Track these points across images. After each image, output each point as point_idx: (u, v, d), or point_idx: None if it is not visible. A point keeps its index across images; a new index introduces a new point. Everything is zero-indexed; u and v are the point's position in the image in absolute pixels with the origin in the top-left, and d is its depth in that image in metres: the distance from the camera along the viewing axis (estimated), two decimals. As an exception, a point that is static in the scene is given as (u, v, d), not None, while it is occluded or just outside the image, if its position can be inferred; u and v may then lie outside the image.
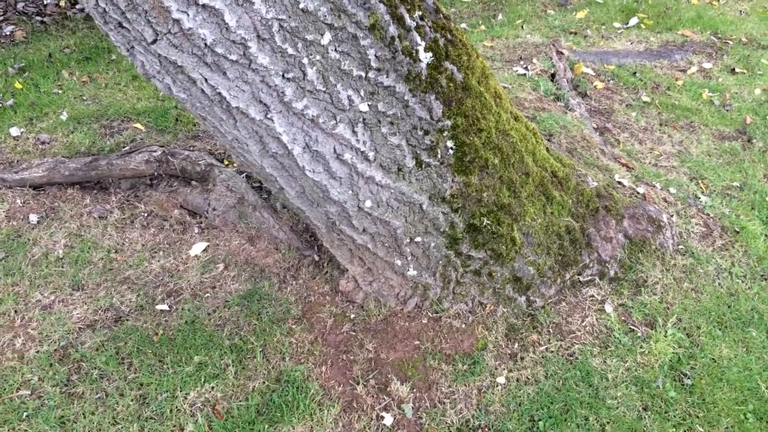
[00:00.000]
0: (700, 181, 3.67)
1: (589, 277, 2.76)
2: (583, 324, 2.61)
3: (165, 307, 2.72)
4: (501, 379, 2.43)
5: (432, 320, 2.57)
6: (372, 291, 2.62)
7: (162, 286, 2.84)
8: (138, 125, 3.95)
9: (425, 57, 2.19)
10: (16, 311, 2.70)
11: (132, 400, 2.37)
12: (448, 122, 2.31)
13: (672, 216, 3.14)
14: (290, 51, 1.92)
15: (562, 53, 4.81)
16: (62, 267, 2.92)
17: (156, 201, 3.30)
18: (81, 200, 3.33)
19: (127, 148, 3.71)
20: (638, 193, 3.21)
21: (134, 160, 3.31)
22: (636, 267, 2.83)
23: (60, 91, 4.27)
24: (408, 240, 2.46)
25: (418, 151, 2.29)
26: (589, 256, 2.77)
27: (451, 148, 2.34)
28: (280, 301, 2.71)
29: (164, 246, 3.06)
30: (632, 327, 2.64)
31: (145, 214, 3.26)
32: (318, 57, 1.98)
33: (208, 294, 2.79)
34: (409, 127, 2.24)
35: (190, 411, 2.34)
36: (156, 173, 3.34)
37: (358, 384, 2.41)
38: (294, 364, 2.48)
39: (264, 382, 2.43)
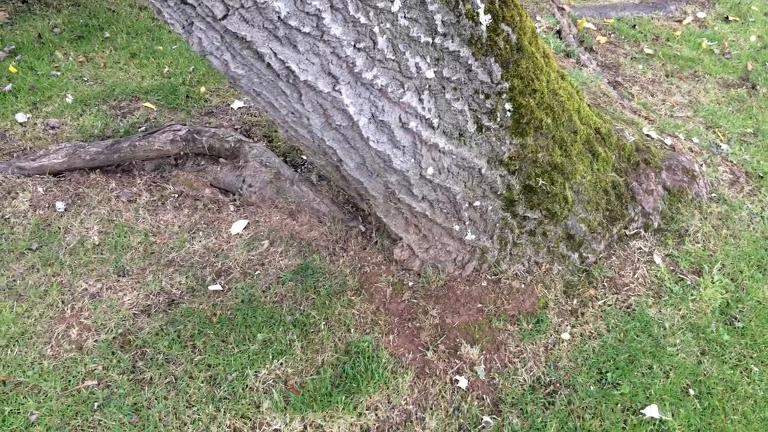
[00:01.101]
0: (716, 130, 3.74)
1: (635, 230, 2.81)
2: (636, 276, 2.67)
3: (218, 287, 2.69)
4: (565, 335, 2.48)
5: (491, 283, 2.60)
6: (428, 258, 2.63)
7: (209, 267, 2.80)
8: (148, 104, 3.83)
9: (485, 19, 2.17)
10: (63, 302, 2.63)
11: (202, 382, 2.35)
12: (506, 84, 2.30)
13: (701, 165, 3.21)
14: (362, 20, 1.89)
15: (563, 9, 4.81)
16: (102, 253, 2.85)
17: (184, 181, 3.23)
18: (106, 185, 3.24)
19: (143, 128, 3.61)
20: (666, 144, 3.26)
21: (158, 141, 3.22)
22: (677, 217, 2.89)
23: (58, 73, 4.11)
24: (467, 205, 2.46)
25: (478, 116, 2.28)
26: (633, 210, 2.81)
27: (509, 110, 2.34)
28: (334, 273, 2.70)
29: (202, 226, 3.01)
30: (681, 276, 2.71)
31: (176, 195, 3.20)
32: (388, 25, 1.94)
33: (259, 271, 2.76)
34: (471, 92, 2.22)
35: (264, 388, 2.34)
36: (182, 153, 3.26)
37: (427, 350, 2.43)
38: (360, 335, 2.49)
39: (333, 355, 2.43)
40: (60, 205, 3.10)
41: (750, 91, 4.24)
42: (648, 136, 3.24)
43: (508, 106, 2.33)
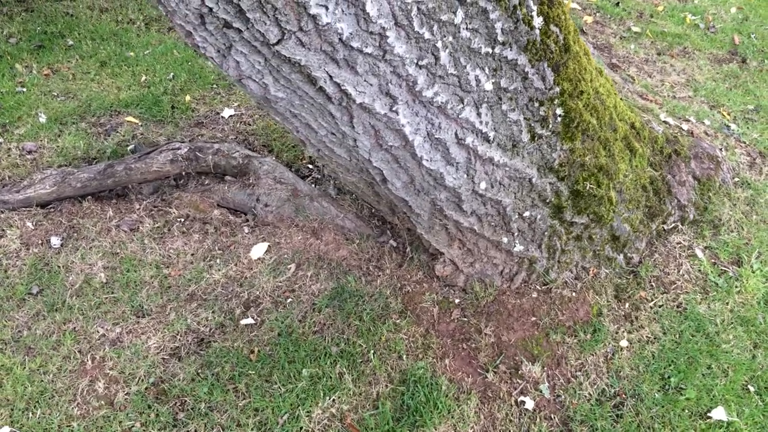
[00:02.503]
0: (720, 109, 3.72)
1: (673, 224, 2.75)
2: (681, 273, 2.61)
3: (250, 320, 2.50)
4: (623, 343, 2.40)
5: (542, 293, 2.49)
6: (474, 272, 2.50)
7: (235, 298, 2.60)
8: (130, 118, 3.55)
9: (538, 22, 2.03)
10: (81, 351, 2.40)
11: (252, 429, 2.18)
12: (557, 89, 2.18)
13: (721, 150, 3.17)
14: (426, 35, 1.73)
15: (546, -10, 4.70)
16: (113, 292, 2.62)
17: (189, 203, 3.00)
18: (102, 213, 2.98)
19: (131, 146, 3.34)
20: (684, 130, 3.21)
21: (157, 162, 2.97)
22: (709, 207, 2.85)
23: (24, 89, 3.76)
24: (516, 216, 2.34)
25: (532, 124, 2.15)
26: (670, 204, 2.75)
27: (560, 115, 2.22)
28: (373, 296, 2.54)
29: (217, 252, 2.80)
30: (723, 268, 2.67)
31: (182, 219, 2.96)
32: (450, 38, 1.79)
33: (290, 299, 2.58)
34: (526, 101, 2.09)
35: (320, 429, 2.18)
36: (183, 172, 3.02)
37: (487, 372, 2.31)
38: (413, 361, 2.35)
39: (388, 386, 2.29)
40: (55, 241, 2.83)
41: (741, 66, 4.25)
42: (665, 122, 3.18)
43: (559, 111, 2.21)
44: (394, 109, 1.88)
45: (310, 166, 3.36)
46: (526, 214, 2.34)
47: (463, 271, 2.50)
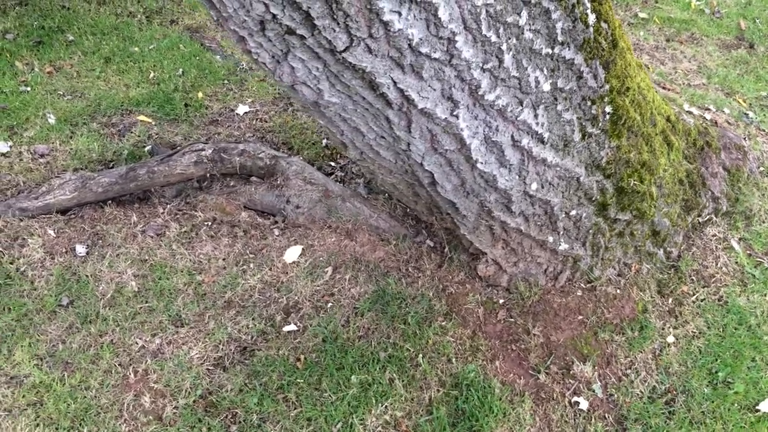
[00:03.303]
0: (735, 96, 3.73)
1: (707, 216, 2.75)
2: (719, 266, 2.63)
3: (293, 327, 2.45)
4: (670, 338, 2.41)
5: (586, 291, 2.49)
6: (518, 272, 2.48)
7: (274, 304, 2.55)
8: (143, 117, 3.45)
9: (591, 20, 2.00)
10: (121, 365, 2.34)
11: (307, 440, 2.14)
12: (607, 86, 2.15)
13: (745, 139, 3.18)
14: (493, 38, 1.69)
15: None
16: (147, 301, 2.55)
17: (215, 205, 2.93)
18: (126, 219, 2.89)
19: (148, 147, 3.25)
20: (707, 119, 3.21)
21: (180, 164, 2.89)
22: (740, 198, 2.86)
23: (28, 89, 3.63)
24: (563, 215, 2.32)
25: (583, 123, 2.13)
26: (705, 196, 2.75)
27: (608, 113, 2.20)
28: (416, 298, 2.51)
29: (249, 256, 2.74)
30: (758, 259, 2.69)
31: (209, 223, 2.89)
32: (514, 40, 1.75)
33: (331, 303, 2.54)
34: (579, 100, 2.06)
35: (376, 438, 2.15)
36: (207, 174, 2.94)
37: (539, 373, 2.30)
38: (463, 364, 2.33)
39: (440, 390, 2.27)
40: (80, 249, 2.75)
41: (750, 51, 4.26)
42: (689, 112, 3.18)
43: (608, 109, 2.18)
44: (454, 113, 1.84)
45: (332, 164, 3.30)
46: (573, 212, 2.32)
47: (506, 271, 2.48)
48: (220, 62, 3.92)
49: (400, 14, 1.53)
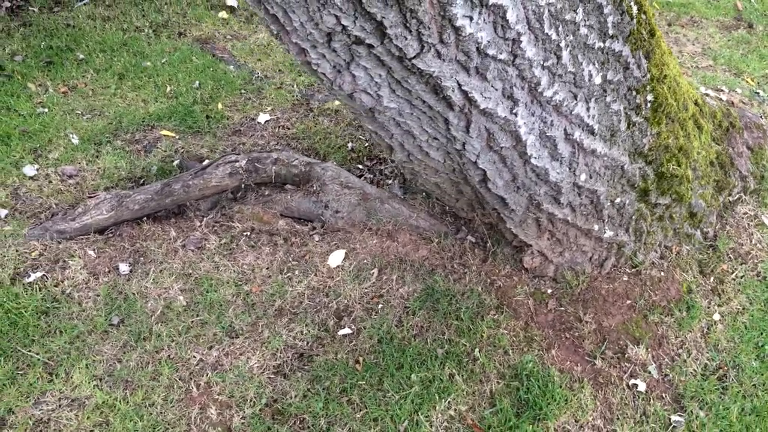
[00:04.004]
0: (743, 76, 3.82)
1: (737, 195, 2.82)
2: (753, 243, 2.70)
3: (347, 330, 2.48)
4: (716, 316, 2.47)
5: (632, 276, 2.54)
6: (564, 261, 2.54)
7: (324, 309, 2.58)
8: (166, 132, 3.46)
9: (635, 11, 2.05)
10: (182, 379, 2.35)
11: (376, 440, 2.18)
12: (648, 75, 2.21)
13: (761, 117, 3.26)
14: (553, 36, 1.73)
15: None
16: (198, 315, 2.57)
17: (251, 215, 2.95)
18: (164, 234, 2.91)
19: (176, 162, 3.26)
20: (722, 100, 3.29)
21: (215, 176, 2.91)
22: (765, 175, 2.93)
23: (46, 110, 3.62)
24: (609, 203, 2.38)
25: (628, 112, 2.18)
26: (734, 176, 2.82)
27: (650, 101, 2.25)
28: (465, 293, 2.56)
29: (293, 264, 2.77)
30: (790, 234, 2.76)
31: (247, 233, 2.91)
32: (571, 37, 1.79)
33: (381, 305, 2.57)
34: (625, 90, 2.11)
35: (443, 433, 2.20)
36: (242, 185, 2.96)
37: (595, 358, 2.36)
38: (519, 355, 2.38)
39: (500, 382, 2.32)
40: (124, 267, 2.76)
41: (749, 31, 4.35)
42: (706, 94, 3.25)
43: (649, 97, 2.24)
44: (514, 111, 1.88)
45: (360, 167, 3.33)
46: (617, 200, 2.38)
47: (552, 261, 2.53)
48: (235, 72, 3.93)
49: (471, 19, 1.56)
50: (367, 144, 3.42)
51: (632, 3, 2.00)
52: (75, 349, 2.44)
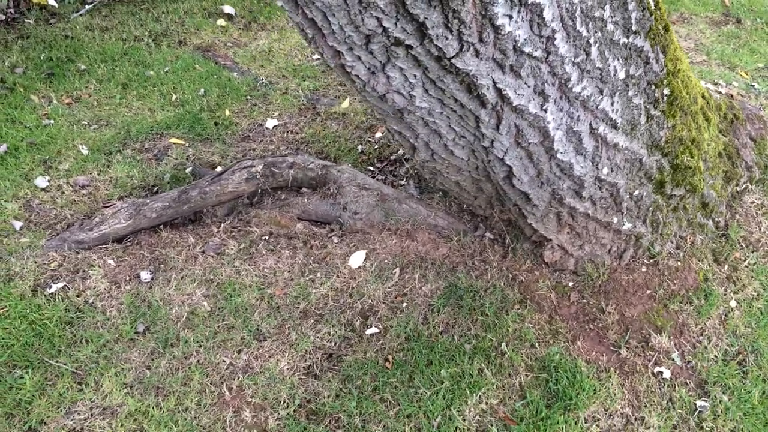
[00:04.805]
0: (737, 70, 3.92)
1: (744, 185, 2.90)
2: (762, 231, 2.78)
3: (374, 330, 2.51)
4: (733, 303, 2.54)
5: (650, 267, 2.61)
6: (584, 254, 2.59)
7: (349, 309, 2.61)
8: (175, 140, 3.47)
9: (652, 6, 2.11)
10: (214, 383, 2.37)
11: (411, 436, 2.21)
12: (665, 70, 2.27)
13: (760, 108, 3.36)
14: (584, 33, 1.79)
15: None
16: (224, 320, 2.58)
17: (269, 219, 2.97)
18: (183, 241, 2.92)
19: (189, 169, 3.27)
20: (722, 93, 3.38)
21: (232, 182, 2.92)
22: (769, 165, 3.02)
23: (52, 122, 3.61)
24: (627, 196, 2.44)
25: (647, 106, 2.24)
26: (740, 166, 2.90)
27: (666, 95, 2.31)
28: (488, 289, 2.60)
29: (314, 266, 2.79)
30: (797, 221, 2.85)
31: (266, 237, 2.93)
32: (599, 33, 1.85)
33: (405, 303, 2.61)
34: (645, 84, 2.18)
35: (477, 426, 2.23)
36: (259, 189, 2.98)
37: (619, 348, 2.41)
38: (546, 347, 2.43)
39: (528, 375, 2.36)
40: (145, 275, 2.76)
41: (738, 26, 4.47)
42: (707, 88, 3.33)
43: (666, 91, 2.30)
44: (544, 107, 1.93)
45: (371, 168, 3.37)
46: (636, 192, 2.44)
47: (572, 255, 2.58)
48: (239, 79, 3.95)
49: (510, 17, 1.61)
50: (376, 146, 3.46)
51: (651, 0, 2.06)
52: (103, 358, 2.44)
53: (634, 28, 1.96)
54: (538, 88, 1.86)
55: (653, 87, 2.20)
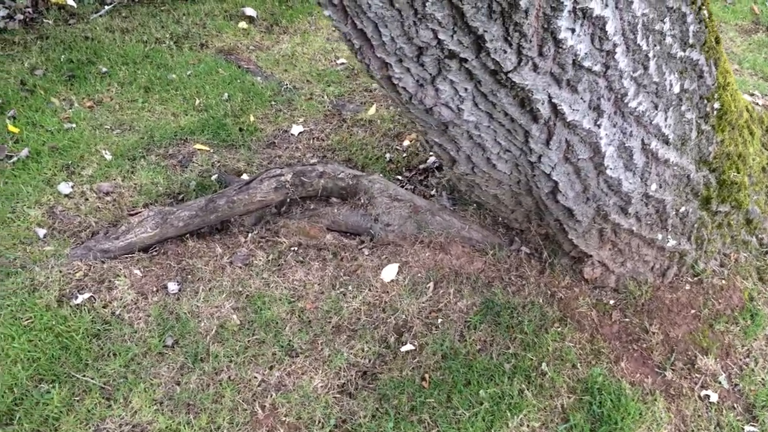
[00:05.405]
0: (772, 80, 3.83)
1: (787, 201, 2.82)
2: (808, 248, 2.69)
3: (410, 347, 2.44)
4: (780, 324, 2.46)
5: (694, 285, 2.53)
6: (625, 271, 2.51)
7: (383, 325, 2.54)
8: (200, 146, 3.40)
9: (705, 17, 2.04)
10: (246, 401, 2.30)
11: (451, 459, 2.14)
12: (716, 83, 2.19)
13: (801, 121, 3.27)
14: (644, 47, 1.72)
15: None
16: (254, 334, 2.51)
17: (297, 230, 2.90)
18: (210, 251, 2.85)
19: (215, 176, 3.21)
20: (759, 105, 3.29)
21: (260, 191, 2.86)
22: (812, 179, 2.93)
23: (73, 125, 3.55)
24: (674, 213, 2.36)
25: (698, 120, 2.16)
26: (783, 181, 2.82)
27: (717, 109, 2.24)
28: (525, 306, 2.52)
29: (345, 279, 2.72)
30: (842, 238, 2.76)
31: (295, 248, 2.87)
32: (657, 47, 1.77)
33: (440, 319, 2.54)
34: (697, 99, 2.10)
35: (518, 450, 2.16)
36: (287, 199, 2.91)
37: (665, 370, 2.34)
38: (588, 368, 2.35)
39: (570, 397, 2.29)
40: (172, 286, 2.70)
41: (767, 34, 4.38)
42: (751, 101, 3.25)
43: (716, 105, 2.23)
44: (598, 123, 1.86)
45: (399, 177, 3.30)
46: (682, 209, 2.36)
47: (613, 272, 2.51)
48: (263, 83, 3.88)
49: (573, 31, 1.54)
50: (405, 155, 3.38)
51: (705, 11, 1.99)
52: (131, 373, 2.38)
53: (690, 41, 1.89)
54: (593, 103, 1.79)
55: (705, 101, 2.12)
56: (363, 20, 1.62)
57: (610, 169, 2.03)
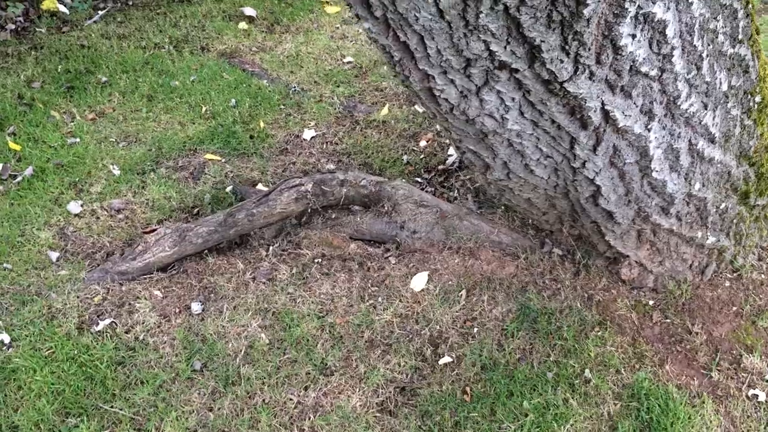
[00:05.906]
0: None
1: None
2: (844, 236, 2.64)
3: (447, 359, 2.37)
4: (823, 317, 2.41)
5: (733, 281, 2.47)
6: (664, 271, 2.45)
7: (417, 337, 2.47)
8: (210, 156, 3.30)
9: (751, 10, 1.96)
10: (283, 425, 2.23)
11: (500, 476, 2.08)
12: (758, 76, 2.12)
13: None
14: (699, 47, 1.64)
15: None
16: (284, 353, 2.44)
17: (320, 240, 2.82)
18: (231, 267, 2.76)
19: (230, 188, 3.11)
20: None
21: (280, 203, 2.77)
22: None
23: (77, 140, 3.43)
24: (714, 210, 2.30)
25: (741, 116, 2.09)
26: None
27: (758, 102, 2.17)
28: (563, 311, 2.46)
29: (373, 290, 2.64)
30: None
31: (318, 260, 2.78)
32: (710, 46, 1.70)
33: (476, 328, 2.47)
34: (742, 94, 2.03)
35: (568, 463, 2.10)
36: (308, 209, 2.83)
37: (710, 371, 2.28)
38: (631, 373, 2.29)
39: (616, 403, 2.23)
40: (196, 307, 2.61)
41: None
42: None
43: (758, 99, 2.16)
44: (648, 127, 1.79)
45: (419, 180, 3.22)
46: (722, 206, 2.30)
47: (651, 272, 2.45)
48: (270, 87, 3.78)
49: (634, 36, 1.46)
50: (422, 156, 3.30)
51: (749, 5, 1.91)
52: (161, 401, 2.30)
53: (740, 36, 1.81)
54: (645, 108, 1.71)
55: (749, 96, 2.05)
56: (407, 33, 1.54)
57: (656, 171, 1.96)
